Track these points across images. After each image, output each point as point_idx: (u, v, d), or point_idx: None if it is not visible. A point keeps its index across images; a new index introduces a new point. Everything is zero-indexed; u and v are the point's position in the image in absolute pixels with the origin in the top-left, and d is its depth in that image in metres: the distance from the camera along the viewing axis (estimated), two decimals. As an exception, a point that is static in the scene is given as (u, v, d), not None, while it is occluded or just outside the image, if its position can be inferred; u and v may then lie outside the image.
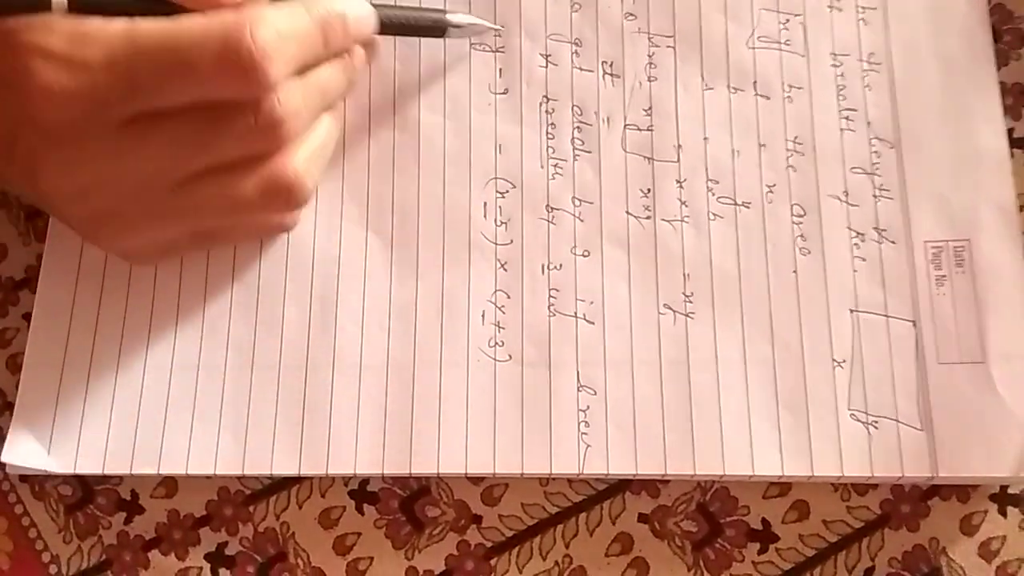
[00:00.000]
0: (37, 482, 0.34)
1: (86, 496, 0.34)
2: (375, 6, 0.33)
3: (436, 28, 0.34)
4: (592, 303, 0.34)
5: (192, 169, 0.29)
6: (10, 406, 0.34)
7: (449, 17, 0.34)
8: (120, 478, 0.34)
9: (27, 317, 0.35)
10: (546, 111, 0.36)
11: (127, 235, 0.31)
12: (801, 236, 0.34)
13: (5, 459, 0.33)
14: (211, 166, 0.29)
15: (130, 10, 0.28)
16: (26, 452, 0.33)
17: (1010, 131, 0.35)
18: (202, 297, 0.34)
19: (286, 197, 0.31)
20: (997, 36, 0.36)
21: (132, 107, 0.27)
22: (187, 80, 0.27)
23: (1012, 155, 0.34)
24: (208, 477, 0.33)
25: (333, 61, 0.32)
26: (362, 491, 0.33)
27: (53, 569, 0.33)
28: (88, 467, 0.33)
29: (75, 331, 0.34)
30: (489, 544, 0.33)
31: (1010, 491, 0.32)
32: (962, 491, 0.33)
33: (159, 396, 0.33)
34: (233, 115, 0.28)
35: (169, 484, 0.34)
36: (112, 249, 0.33)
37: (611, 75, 0.36)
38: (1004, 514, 0.32)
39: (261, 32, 0.27)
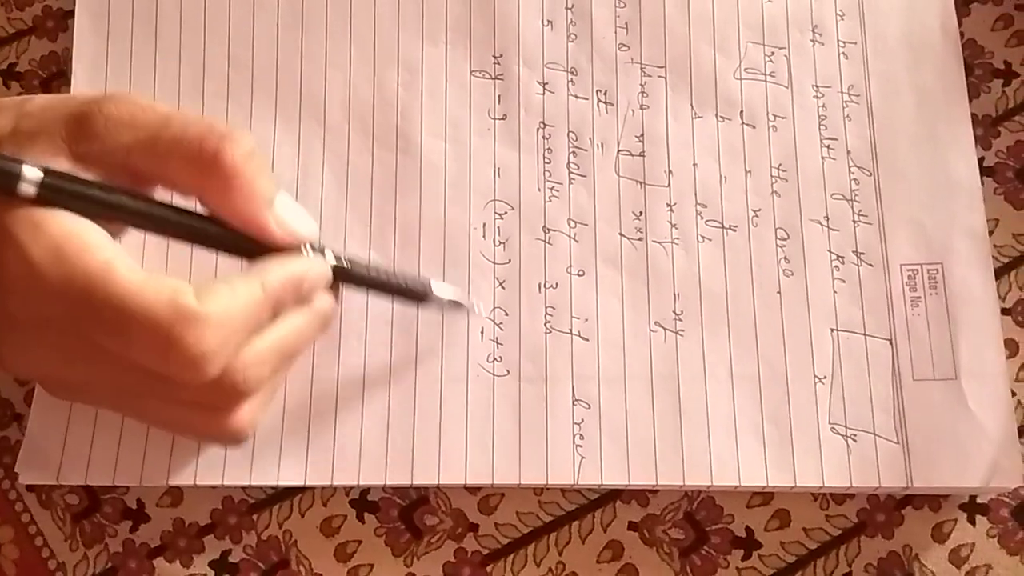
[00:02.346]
0: (44, 491, 0.34)
1: (92, 505, 0.34)
2: (354, 263, 0.31)
3: (417, 295, 0.32)
4: (587, 320, 0.35)
5: (138, 393, 0.29)
6: (17, 417, 0.35)
7: (434, 287, 0.33)
8: (126, 487, 0.34)
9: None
10: (543, 136, 0.36)
11: (73, 399, 0.32)
12: (785, 258, 0.35)
13: (19, 470, 0.33)
14: (158, 396, 0.29)
15: (107, 213, 0.27)
16: (39, 465, 0.33)
17: (980, 160, 0.36)
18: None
19: (229, 443, 0.31)
20: (969, 70, 0.37)
21: (79, 337, 0.27)
22: (126, 350, 0.26)
23: (982, 183, 0.36)
24: (213, 487, 0.34)
25: (298, 312, 0.30)
26: (363, 500, 0.34)
27: (59, 576, 0.33)
28: (99, 479, 0.33)
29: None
30: (485, 551, 0.34)
31: (979, 501, 0.34)
32: (934, 501, 0.34)
33: (167, 408, 0.34)
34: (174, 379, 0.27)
35: (174, 493, 0.34)
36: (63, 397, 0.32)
37: (605, 103, 0.37)
38: (973, 523, 0.33)
39: (210, 337, 0.26)
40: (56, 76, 0.39)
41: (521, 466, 0.33)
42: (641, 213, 0.36)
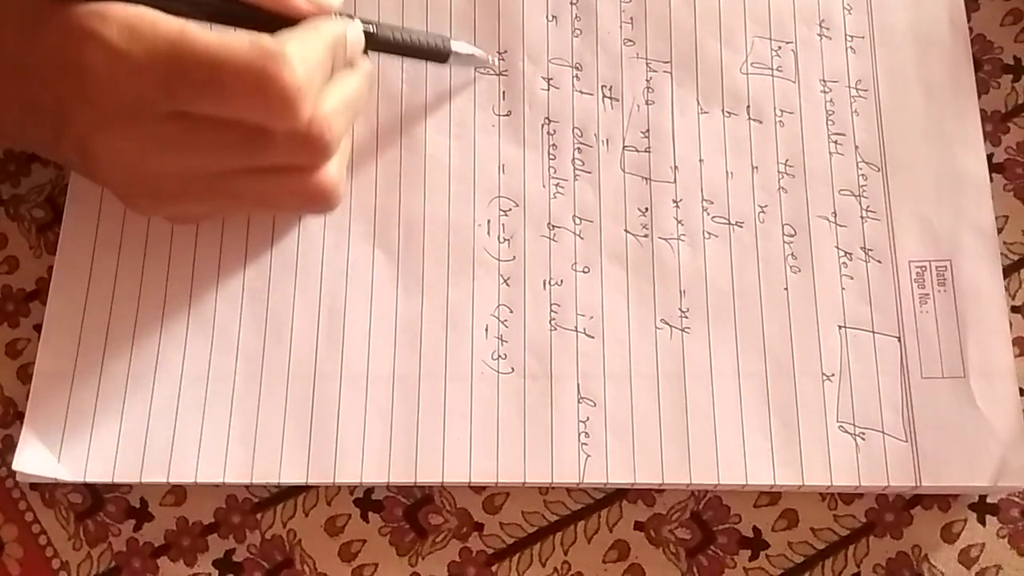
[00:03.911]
0: (47, 490, 0.34)
1: (96, 504, 0.34)
2: (380, 25, 0.33)
3: (439, 54, 0.35)
4: (592, 318, 0.34)
5: (232, 168, 0.30)
6: (21, 416, 0.35)
7: (453, 45, 0.35)
8: (129, 486, 0.34)
9: (38, 328, 0.35)
10: (548, 133, 0.36)
11: (165, 206, 0.32)
12: (792, 255, 0.35)
13: (16, 467, 0.33)
14: (251, 168, 0.31)
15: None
16: (37, 460, 0.33)
17: (990, 156, 0.36)
18: (212, 308, 0.35)
19: (322, 204, 0.32)
20: (978, 66, 0.37)
21: (173, 106, 0.29)
22: (223, 103, 0.28)
23: (991, 179, 0.36)
24: (216, 485, 0.34)
25: (351, 72, 0.32)
26: (367, 499, 0.34)
27: None
28: (98, 476, 0.33)
29: (85, 341, 0.34)
30: (490, 551, 0.33)
31: (989, 500, 0.33)
32: (943, 500, 0.33)
33: (169, 406, 0.34)
34: (274, 132, 0.29)
35: (178, 492, 0.34)
36: (148, 214, 0.34)
37: (610, 98, 0.37)
38: (983, 523, 0.33)
39: (298, 70, 0.28)
40: None
41: (526, 465, 0.33)
42: (647, 209, 0.36)
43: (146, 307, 0.35)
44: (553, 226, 0.35)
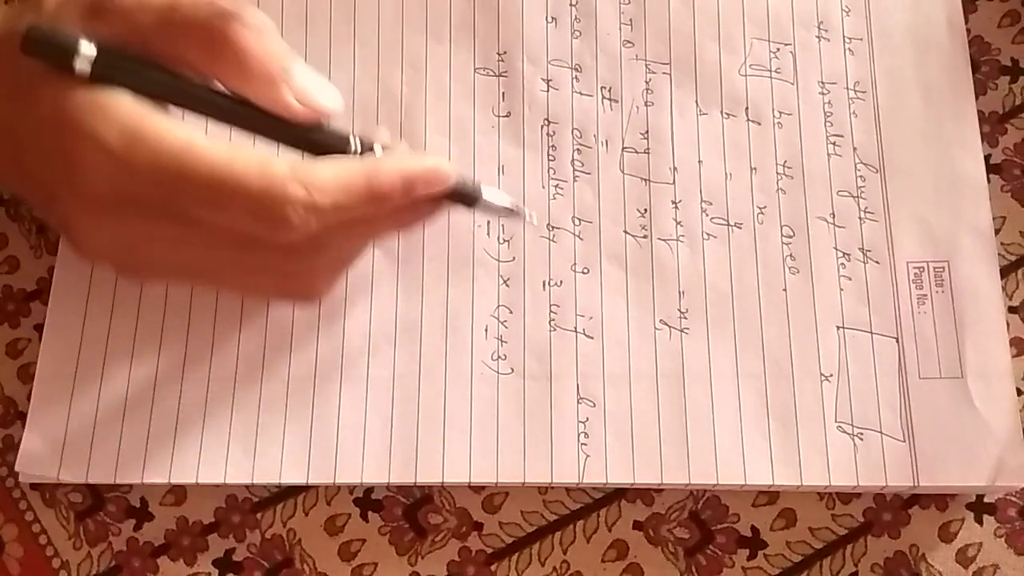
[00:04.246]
0: (48, 489, 0.34)
1: (96, 503, 0.34)
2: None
3: (468, 199, 0.32)
4: (591, 318, 0.34)
5: (219, 263, 0.29)
6: (22, 415, 0.35)
7: (484, 192, 0.32)
8: (130, 486, 0.34)
9: (38, 328, 0.35)
10: (547, 134, 0.36)
11: (149, 278, 0.32)
12: (790, 256, 0.35)
13: (19, 468, 0.33)
14: (239, 263, 0.30)
15: (153, 91, 0.28)
16: (39, 462, 0.33)
17: (987, 157, 0.36)
18: (213, 309, 0.35)
19: (305, 300, 0.31)
20: (975, 67, 0.37)
21: (168, 214, 0.28)
22: (224, 219, 0.27)
23: (989, 180, 0.36)
24: (217, 485, 0.34)
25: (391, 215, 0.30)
26: (367, 499, 0.34)
27: (63, 575, 0.33)
28: (100, 477, 0.33)
29: (87, 342, 0.34)
30: (490, 550, 0.33)
31: (986, 500, 0.34)
32: (941, 500, 0.34)
33: (170, 406, 0.34)
34: (268, 243, 0.28)
35: (178, 492, 0.34)
36: (127, 280, 0.34)
37: (610, 100, 0.37)
38: (980, 522, 0.33)
39: (303, 200, 0.27)
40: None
41: (526, 465, 0.33)
42: (646, 210, 0.36)
43: (147, 309, 0.35)
44: (552, 227, 0.36)
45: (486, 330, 0.34)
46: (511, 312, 0.35)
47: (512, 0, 0.38)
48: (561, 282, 0.35)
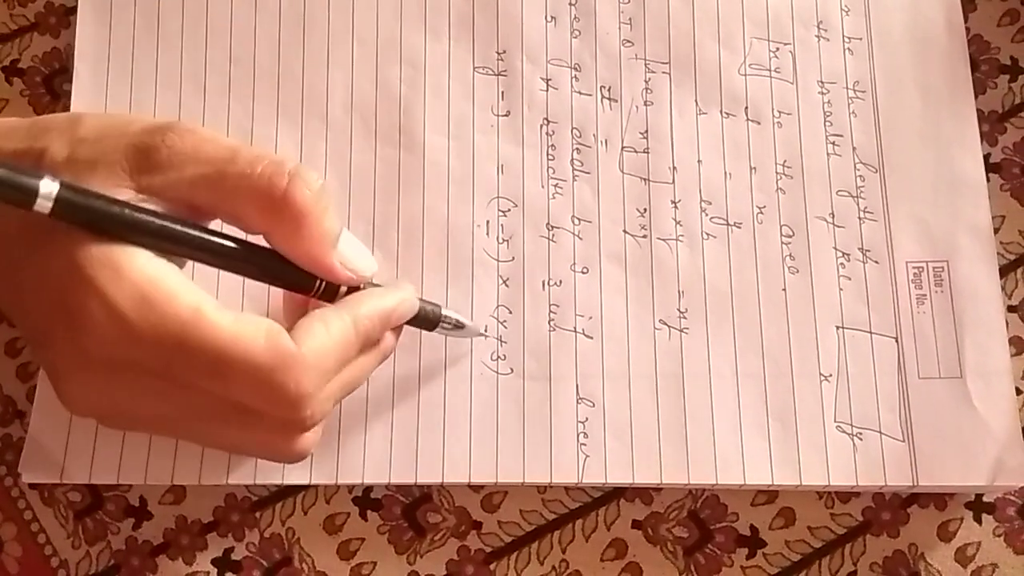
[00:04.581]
0: (46, 488, 0.34)
1: (95, 502, 0.34)
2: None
3: (431, 323, 0.32)
4: (591, 318, 0.34)
5: (209, 426, 0.28)
6: (20, 414, 0.35)
7: (444, 313, 0.32)
8: (129, 485, 0.34)
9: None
10: (546, 133, 0.36)
11: (130, 430, 0.31)
12: (790, 255, 0.35)
13: (21, 470, 0.33)
14: (228, 430, 0.29)
15: (117, 228, 0.26)
16: (41, 464, 0.33)
17: (986, 156, 0.36)
18: (212, 309, 0.35)
19: (291, 460, 0.30)
20: (975, 66, 0.37)
21: (164, 378, 0.27)
22: (223, 391, 0.26)
23: (988, 179, 0.36)
24: (217, 485, 0.34)
25: (369, 352, 0.30)
26: (366, 498, 0.34)
27: (62, 574, 0.33)
28: (102, 478, 0.33)
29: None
30: (489, 549, 0.34)
31: (985, 499, 0.34)
32: (940, 499, 0.34)
33: (170, 406, 0.34)
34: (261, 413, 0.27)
35: (177, 491, 0.34)
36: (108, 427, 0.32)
37: (609, 99, 0.37)
38: (979, 521, 0.33)
39: (309, 379, 0.26)
40: (59, 73, 0.39)
41: (525, 465, 0.33)
42: (645, 210, 0.36)
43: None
44: (552, 227, 0.36)
45: (485, 330, 0.34)
46: (510, 312, 0.35)
47: (511, -1, 0.38)
48: (560, 282, 0.35)
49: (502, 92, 0.37)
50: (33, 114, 0.38)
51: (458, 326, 0.33)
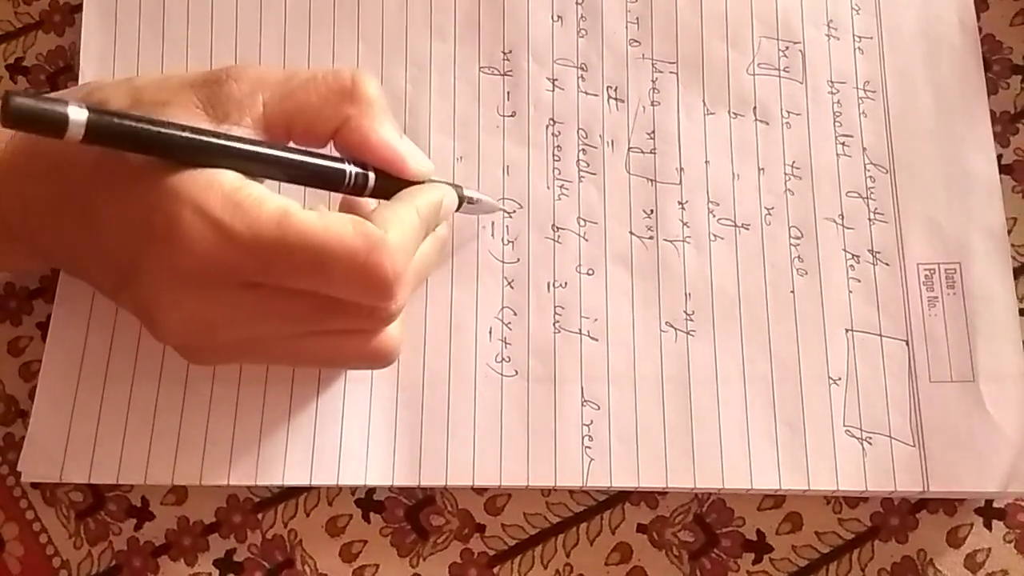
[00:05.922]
0: (48, 488, 0.34)
1: (97, 502, 0.34)
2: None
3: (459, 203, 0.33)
4: (596, 320, 0.34)
5: (301, 333, 0.29)
6: (23, 413, 0.35)
7: (465, 192, 0.33)
8: (131, 485, 0.34)
9: (40, 326, 0.35)
10: (552, 134, 0.36)
11: (222, 361, 0.31)
12: (798, 257, 0.35)
13: (21, 469, 0.33)
14: (317, 331, 0.30)
15: (150, 146, 0.27)
16: (41, 463, 0.33)
17: (998, 157, 0.36)
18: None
19: (381, 363, 0.31)
20: (987, 66, 0.37)
21: (260, 280, 0.28)
22: (321, 283, 0.27)
23: (1000, 181, 0.35)
24: (219, 486, 0.34)
25: (430, 240, 0.32)
26: (368, 500, 0.34)
27: (64, 574, 0.33)
28: (102, 478, 0.33)
29: (91, 342, 0.34)
30: (492, 552, 0.33)
31: (995, 505, 0.33)
32: (949, 504, 0.33)
33: (174, 408, 0.34)
34: (353, 304, 0.28)
35: (179, 491, 0.34)
36: (204, 364, 0.33)
37: (615, 99, 0.37)
38: (989, 527, 0.33)
39: (399, 260, 0.28)
40: (63, 71, 0.39)
41: (529, 468, 0.33)
42: (652, 211, 0.35)
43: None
44: (557, 228, 0.35)
45: (490, 332, 0.34)
46: (515, 314, 0.34)
47: (518, -2, 0.37)
48: (566, 283, 0.35)
49: (508, 92, 0.37)
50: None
51: (476, 202, 0.34)
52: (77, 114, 0.25)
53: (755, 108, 0.36)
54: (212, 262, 0.27)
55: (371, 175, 0.30)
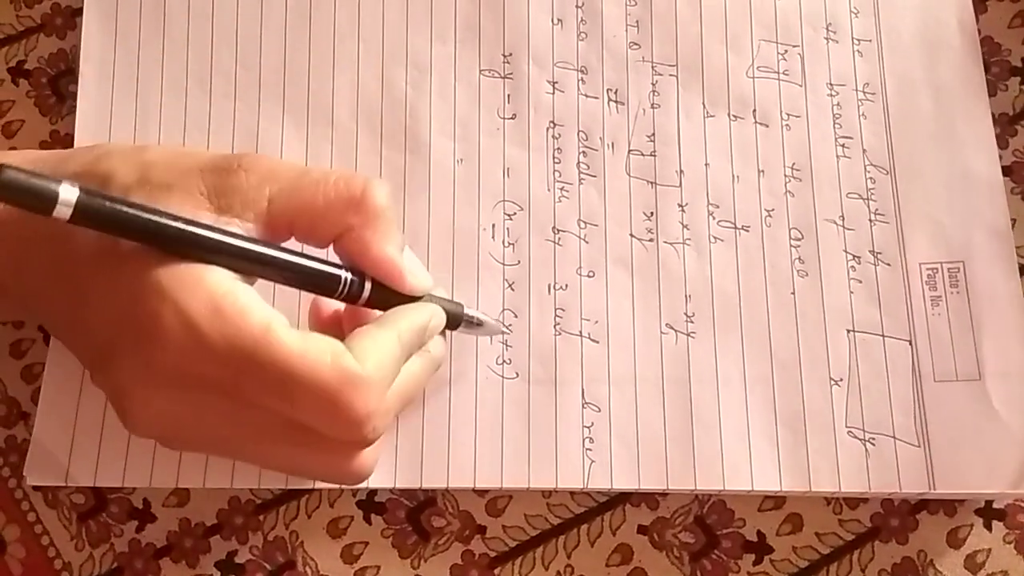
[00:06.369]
0: (50, 490, 0.34)
1: (99, 504, 0.34)
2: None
3: (453, 324, 0.32)
4: (597, 322, 0.34)
5: (272, 441, 0.28)
6: (24, 416, 0.35)
7: (466, 311, 0.32)
8: (132, 487, 0.34)
9: (43, 329, 0.35)
10: (552, 136, 0.36)
11: (188, 451, 0.31)
12: (799, 259, 0.35)
13: (26, 473, 0.33)
14: (291, 443, 0.29)
15: (140, 234, 0.26)
16: (46, 467, 0.33)
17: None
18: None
19: (352, 481, 0.30)
20: (985, 68, 0.37)
21: (231, 395, 0.27)
22: (289, 410, 0.27)
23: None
24: (221, 487, 0.34)
25: (419, 359, 0.30)
26: (370, 501, 0.34)
27: (66, 576, 0.33)
28: (107, 481, 0.33)
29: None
30: (493, 554, 0.33)
31: (995, 505, 0.33)
32: (949, 505, 0.33)
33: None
34: (328, 436, 0.28)
35: (181, 493, 0.34)
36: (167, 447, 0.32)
37: (615, 102, 0.37)
38: (989, 528, 0.33)
39: (373, 398, 0.27)
40: (64, 74, 0.39)
41: (530, 469, 0.33)
42: (652, 213, 0.35)
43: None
44: (558, 230, 0.35)
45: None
46: (516, 316, 0.34)
47: (518, 1, 0.37)
48: (566, 286, 0.35)
49: (508, 95, 0.37)
50: (39, 115, 0.38)
51: (478, 324, 0.33)
52: (68, 193, 0.25)
53: (755, 110, 0.36)
54: (186, 366, 0.26)
55: (367, 285, 0.29)
